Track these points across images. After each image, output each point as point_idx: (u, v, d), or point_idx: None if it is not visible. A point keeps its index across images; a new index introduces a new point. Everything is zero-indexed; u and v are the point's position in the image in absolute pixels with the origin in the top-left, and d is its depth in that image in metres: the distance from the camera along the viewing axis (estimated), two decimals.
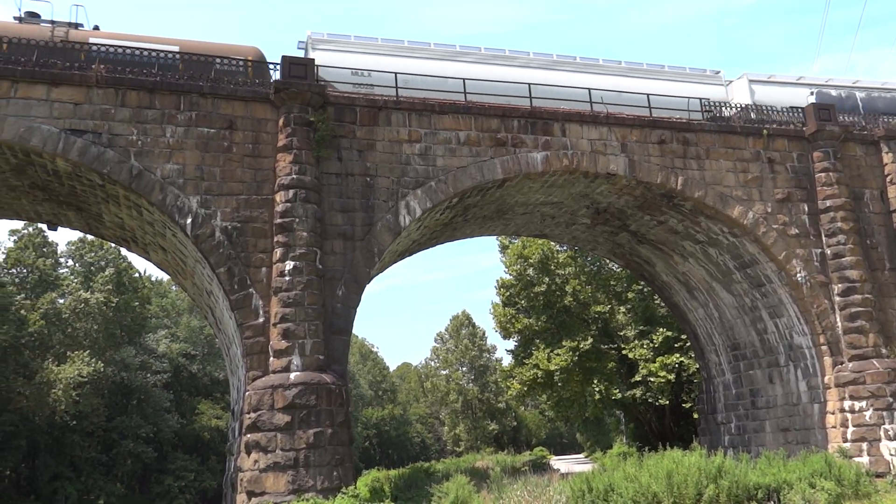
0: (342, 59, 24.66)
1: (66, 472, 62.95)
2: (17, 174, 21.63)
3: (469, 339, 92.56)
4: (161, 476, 67.39)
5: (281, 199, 21.13)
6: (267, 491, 17.84)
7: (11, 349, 59.89)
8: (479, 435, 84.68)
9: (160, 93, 21.46)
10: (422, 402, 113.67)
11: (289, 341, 19.64)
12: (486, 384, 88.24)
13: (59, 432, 63.56)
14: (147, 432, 67.26)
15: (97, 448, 66.79)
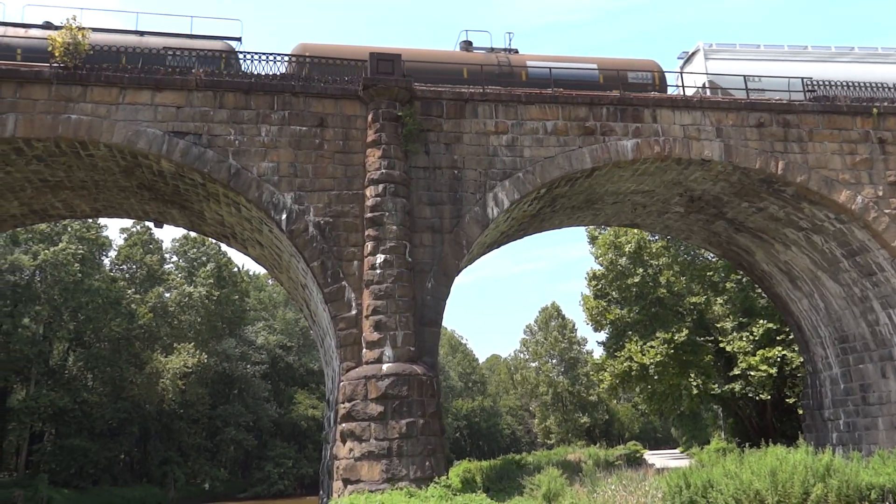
0: (731, 67, 26.94)
1: (175, 457, 66.59)
2: (126, 175, 22.94)
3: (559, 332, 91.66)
4: (261, 462, 70.24)
5: (371, 193, 21.51)
6: (362, 479, 18.25)
7: (124, 341, 63.81)
8: (569, 428, 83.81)
9: (255, 94, 22.24)
10: (511, 394, 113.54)
11: (381, 333, 20.00)
12: (577, 377, 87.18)
13: (168, 419, 67.28)
14: (248, 420, 70.23)
15: (202, 434, 70.31)
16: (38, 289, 57.74)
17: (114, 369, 62.31)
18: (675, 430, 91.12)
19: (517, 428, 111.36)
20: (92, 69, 21.16)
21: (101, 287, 62.16)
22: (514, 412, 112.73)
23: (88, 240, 62.98)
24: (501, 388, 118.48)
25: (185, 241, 76.91)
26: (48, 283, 58.04)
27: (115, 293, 63.10)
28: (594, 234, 47.73)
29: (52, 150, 21.21)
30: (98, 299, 60.74)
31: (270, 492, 66.11)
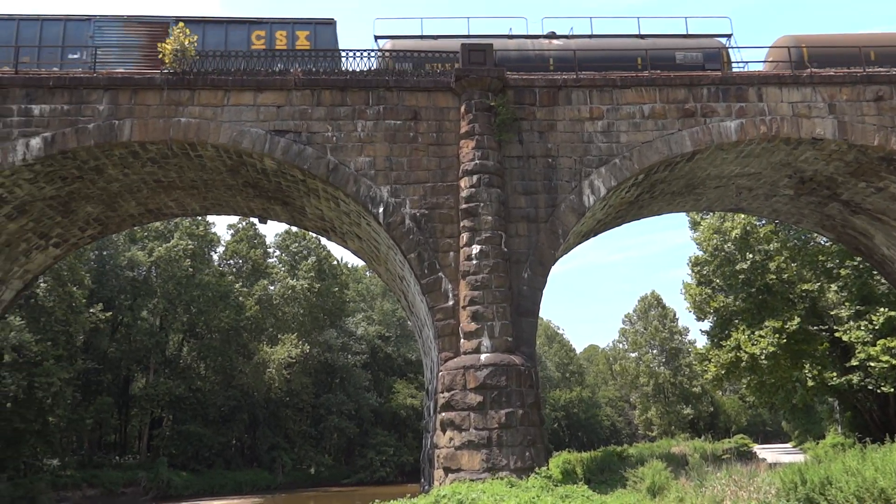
0: None
1: (282, 443, 69.39)
2: (232, 174, 23.97)
3: (659, 321, 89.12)
4: (363, 450, 72.11)
5: (465, 184, 21.56)
6: (463, 468, 18.40)
7: (233, 332, 66.92)
8: (672, 420, 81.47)
9: (351, 90, 22.70)
10: (611, 384, 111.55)
11: (478, 323, 20.05)
12: (679, 367, 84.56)
13: (275, 407, 70.14)
14: (350, 409, 72.22)
15: (307, 422, 72.90)
16: (154, 283, 61.42)
17: (224, 359, 65.58)
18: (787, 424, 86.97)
19: (617, 419, 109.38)
20: (199, 74, 22.19)
21: (210, 281, 65.44)
22: (613, 403, 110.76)
23: (198, 236, 66.39)
24: (600, 378, 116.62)
25: (288, 236, 79.80)
26: (163, 277, 61.60)
27: (224, 287, 66.30)
28: (696, 219, 46.03)
29: (164, 153, 22.43)
30: (208, 293, 63.98)
31: (373, 478, 67.82)
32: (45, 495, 46.93)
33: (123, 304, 60.20)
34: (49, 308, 49.07)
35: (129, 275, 60.73)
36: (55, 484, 48.88)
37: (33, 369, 46.78)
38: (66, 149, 21.22)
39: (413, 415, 73.35)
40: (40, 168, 21.58)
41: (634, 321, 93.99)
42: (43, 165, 21.51)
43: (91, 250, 56.76)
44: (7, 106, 21.42)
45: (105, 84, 21.75)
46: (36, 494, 46.33)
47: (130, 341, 60.23)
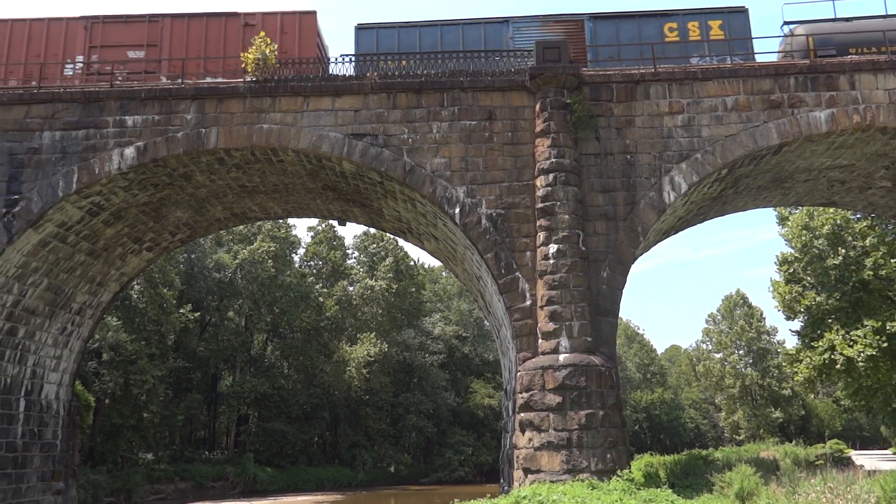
0: None
1: (362, 441, 70.59)
2: (312, 177, 24.57)
3: (745, 320, 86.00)
4: (442, 449, 72.55)
5: (541, 183, 21.39)
6: (542, 469, 18.26)
7: (314, 331, 68.56)
8: (760, 423, 78.47)
9: (426, 92, 22.89)
10: (694, 386, 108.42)
11: (556, 323, 19.86)
12: (767, 368, 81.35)
13: (355, 405, 71.43)
14: (428, 408, 72.79)
15: (386, 421, 73.91)
16: (239, 285, 63.61)
17: (305, 358, 67.27)
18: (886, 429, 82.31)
19: (701, 422, 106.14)
20: (279, 81, 22.85)
21: (292, 282, 67.28)
22: (697, 405, 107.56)
23: (280, 239, 68.38)
24: (683, 380, 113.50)
25: (366, 238, 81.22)
26: (247, 279, 63.73)
27: (305, 287, 68.05)
28: (785, 214, 44.16)
29: (248, 158, 23.20)
30: (290, 293, 65.79)
31: (451, 478, 68.14)
32: (141, 487, 49.31)
33: (211, 304, 62.65)
34: (142, 309, 51.56)
35: (216, 276, 63.14)
36: (150, 477, 51.30)
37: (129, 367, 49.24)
38: (158, 157, 22.24)
39: (491, 415, 73.30)
40: (134, 176, 22.69)
41: (719, 321, 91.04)
42: (136, 173, 22.60)
43: (180, 253, 59.28)
44: (104, 118, 22.62)
45: (192, 94, 22.68)
46: (133, 486, 48.73)
47: (218, 340, 62.58)
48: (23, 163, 22.27)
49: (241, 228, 64.43)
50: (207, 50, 24.47)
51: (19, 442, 24.04)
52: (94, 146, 22.35)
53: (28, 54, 24.38)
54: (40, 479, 24.95)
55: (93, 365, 48.18)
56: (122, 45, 24.58)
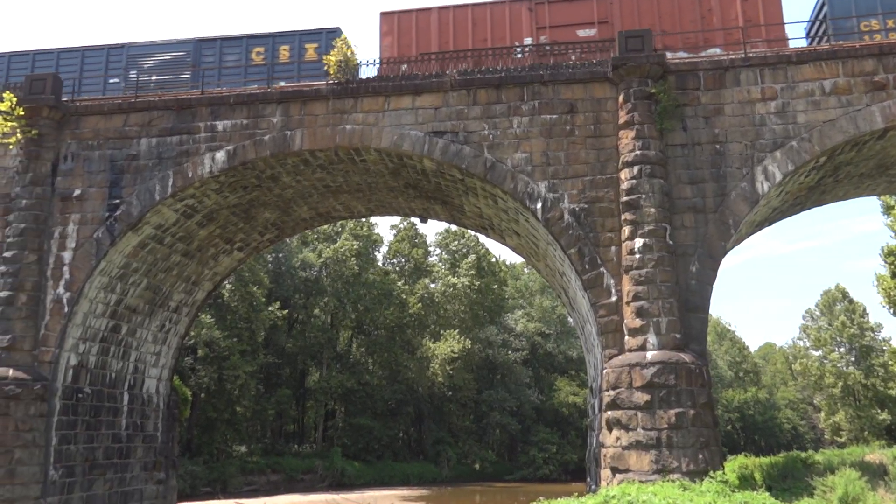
0: None
1: (447, 438, 71.06)
2: (394, 176, 24.84)
3: (846, 316, 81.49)
4: (526, 446, 72.19)
5: (626, 176, 20.87)
6: (631, 469, 17.83)
7: (397, 328, 69.49)
8: (864, 425, 74.18)
9: (505, 87, 22.71)
10: (790, 385, 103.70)
11: (643, 319, 19.34)
12: (872, 367, 76.79)
13: (439, 402, 71.98)
14: (511, 406, 72.57)
15: (470, 418, 74.13)
16: (324, 283, 65.19)
17: (390, 354, 68.29)
18: None
19: (799, 423, 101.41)
20: (361, 82, 23.19)
21: (375, 280, 68.38)
22: (794, 405, 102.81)
23: (363, 237, 69.60)
24: (778, 378, 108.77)
25: (447, 235, 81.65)
26: (332, 277, 65.22)
27: (388, 285, 69.06)
28: (890, 203, 41.64)
29: (332, 159, 23.67)
30: (373, 291, 66.91)
31: (536, 475, 67.70)
32: (235, 479, 51.30)
33: (298, 302, 64.44)
34: (234, 307, 53.54)
35: (302, 275, 64.90)
36: (243, 469, 53.27)
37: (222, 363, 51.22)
38: (246, 160, 22.99)
39: (576, 413, 72.38)
40: (224, 179, 23.53)
41: (817, 317, 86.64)
42: (227, 176, 23.43)
43: (269, 253, 61.27)
44: (195, 124, 23.56)
45: (278, 98, 23.31)
46: (228, 478, 50.74)
47: (305, 337, 64.34)
48: (122, 169, 23.48)
49: (325, 227, 65.98)
50: (662, 24, 23.75)
51: (124, 433, 25.38)
52: (188, 151, 23.31)
53: (474, 39, 24.63)
54: (143, 469, 26.27)
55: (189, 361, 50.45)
56: (571, 24, 24.33)
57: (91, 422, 23.71)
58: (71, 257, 22.94)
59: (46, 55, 27.11)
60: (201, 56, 25.97)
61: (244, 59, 25.67)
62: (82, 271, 22.79)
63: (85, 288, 22.84)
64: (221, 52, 25.89)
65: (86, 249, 22.92)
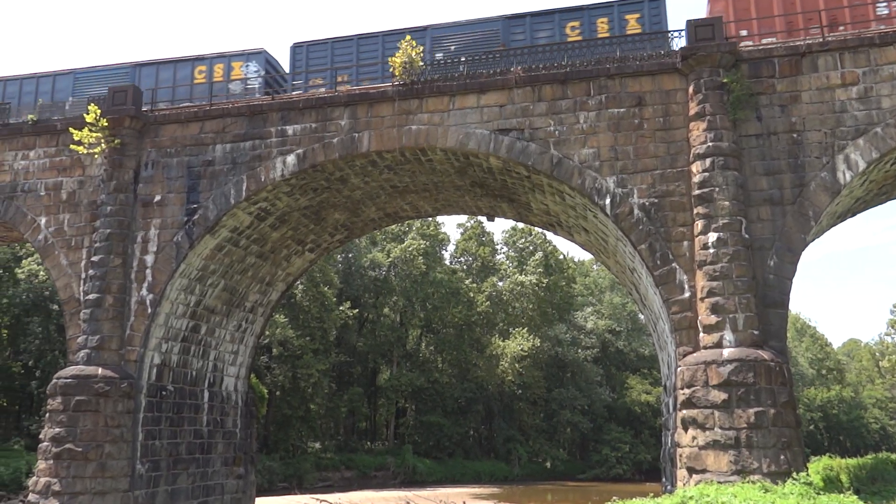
0: None
1: (517, 436, 70.83)
2: (460, 175, 24.91)
3: None
4: (598, 445, 71.25)
5: (697, 169, 20.33)
6: (708, 469, 17.37)
7: (466, 327, 69.65)
8: None
9: (571, 82, 22.46)
10: (878, 383, 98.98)
11: (718, 316, 18.81)
12: None
13: (509, 400, 71.81)
14: (582, 404, 71.75)
15: (540, 416, 73.69)
16: (393, 282, 65.93)
17: (459, 353, 68.54)
18: None
19: (888, 423, 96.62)
20: (426, 82, 23.34)
21: (443, 278, 68.73)
22: (882, 405, 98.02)
23: (430, 236, 70.04)
24: (864, 376, 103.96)
25: (514, 232, 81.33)
26: (400, 276, 65.90)
27: (455, 283, 69.31)
28: None
29: (398, 159, 23.92)
30: (441, 289, 67.28)
31: (609, 475, 66.74)
32: (310, 475, 52.47)
33: (368, 301, 65.39)
34: (306, 307, 54.74)
35: (372, 275, 65.82)
36: (318, 465, 54.44)
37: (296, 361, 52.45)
38: (316, 163, 23.48)
39: (649, 411, 71.00)
40: (295, 182, 24.10)
41: None
42: (297, 179, 23.99)
43: (338, 253, 62.40)
44: (267, 129, 24.21)
45: (345, 101, 23.71)
46: (303, 473, 51.93)
47: (375, 336, 65.24)
48: (199, 174, 24.34)
49: (392, 227, 66.74)
50: None
51: (205, 430, 26.33)
52: (260, 155, 23.98)
53: None
54: (224, 464, 27.19)
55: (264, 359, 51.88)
56: None
57: (174, 418, 24.68)
58: (153, 260, 23.94)
59: None
60: (510, 35, 24.75)
61: (557, 36, 24.25)
62: (164, 274, 23.76)
63: (166, 289, 23.79)
64: (532, 29, 24.57)
65: (166, 253, 23.87)
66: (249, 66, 26.12)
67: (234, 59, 26.49)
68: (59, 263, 24.57)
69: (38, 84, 27.35)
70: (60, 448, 21.63)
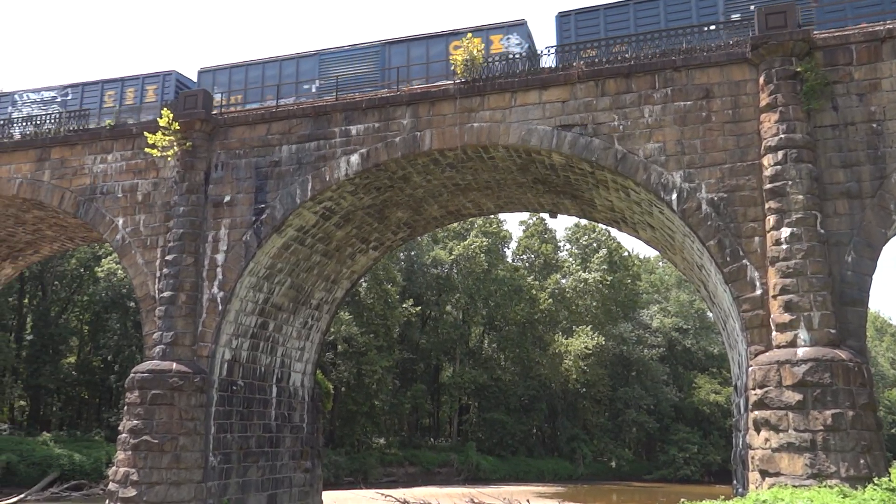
0: None
1: (581, 435, 70.07)
2: (522, 172, 24.77)
3: None
4: (664, 446, 69.82)
5: (769, 162, 19.66)
6: (782, 472, 16.80)
7: (528, 324, 69.30)
8: None
9: (635, 76, 22.03)
10: None
11: (792, 314, 18.15)
12: None
13: (572, 398, 71.12)
14: (648, 403, 70.43)
15: (605, 415, 72.70)
16: (455, 280, 66.11)
17: (521, 350, 68.25)
18: None
19: None
20: (487, 80, 23.28)
21: (505, 276, 68.53)
22: None
23: (492, 234, 69.89)
24: None
25: (577, 229, 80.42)
26: (462, 274, 66.03)
27: (518, 281, 69.00)
28: None
29: (460, 157, 23.96)
30: (504, 287, 67.11)
31: (676, 476, 65.34)
32: (375, 470, 53.18)
33: (430, 299, 65.78)
34: (370, 304, 55.43)
35: (434, 272, 66.17)
36: (382, 460, 55.12)
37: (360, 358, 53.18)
38: (379, 162, 23.73)
39: (717, 412, 69.15)
40: (359, 181, 24.43)
41: None
42: (361, 178, 24.30)
43: (401, 251, 62.97)
44: (331, 129, 24.60)
45: (407, 100, 23.88)
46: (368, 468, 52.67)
47: (438, 333, 65.58)
48: (266, 175, 24.93)
49: (454, 225, 66.92)
50: None
51: (273, 424, 26.99)
52: (324, 156, 24.39)
53: None
54: (291, 457, 27.82)
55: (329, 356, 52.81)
56: None
57: (244, 412, 25.38)
58: (223, 259, 24.65)
59: None
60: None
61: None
62: (233, 272, 24.44)
63: (236, 287, 24.47)
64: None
65: (236, 252, 24.55)
66: (511, 39, 25.23)
67: (492, 31, 25.40)
68: (135, 262, 25.57)
69: (280, 68, 27.25)
70: (138, 440, 22.51)
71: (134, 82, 28.48)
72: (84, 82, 29.34)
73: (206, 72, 27.92)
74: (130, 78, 28.73)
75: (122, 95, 28.31)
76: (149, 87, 28.18)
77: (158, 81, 28.16)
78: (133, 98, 28.15)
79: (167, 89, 27.77)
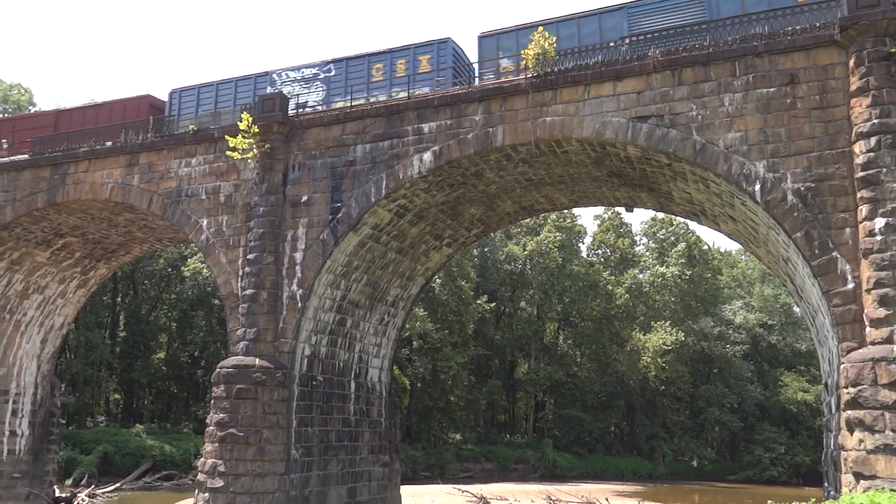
0: None
1: (660, 433, 68.51)
2: (596, 165, 24.38)
3: None
4: (749, 445, 67.47)
5: (861, 149, 18.67)
6: (878, 475, 15.95)
7: (604, 320, 68.22)
8: None
9: (714, 63, 21.31)
10: None
11: (888, 309, 17.19)
12: None
13: (651, 395, 69.59)
14: (731, 402, 68.18)
15: (685, 413, 70.84)
16: (529, 275, 65.73)
17: (597, 346, 67.27)
18: None
19: None
20: (559, 73, 23.00)
21: (580, 271, 67.64)
22: None
23: (565, 228, 69.10)
24: None
25: (654, 223, 78.58)
26: (536, 269, 65.57)
27: (593, 276, 68.01)
28: None
29: (533, 152, 23.77)
30: (578, 282, 66.25)
31: (762, 477, 63.04)
32: (451, 465, 53.52)
33: (504, 295, 65.60)
34: (444, 301, 55.73)
35: (508, 268, 65.97)
36: (459, 456, 55.40)
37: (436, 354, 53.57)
38: (452, 159, 23.80)
39: (806, 411, 66.32)
40: (432, 178, 24.58)
41: None
42: (434, 175, 24.45)
43: (474, 248, 63.04)
44: (404, 128, 24.84)
45: (479, 96, 23.85)
46: (444, 464, 53.05)
47: (512, 329, 65.36)
48: (342, 174, 25.40)
49: (527, 221, 66.48)
50: None
51: (352, 419, 27.53)
52: (398, 154, 24.65)
53: None
54: (370, 452, 28.30)
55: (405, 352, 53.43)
56: None
57: (324, 407, 25.98)
58: (302, 258, 25.28)
59: None
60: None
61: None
62: (312, 270, 25.03)
63: (314, 285, 25.05)
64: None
65: (314, 250, 25.13)
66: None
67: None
68: (219, 261, 26.52)
69: (578, 26, 24.45)
70: (224, 432, 23.36)
71: (404, 53, 26.67)
72: (348, 56, 27.94)
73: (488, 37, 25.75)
74: (399, 49, 26.92)
75: (391, 68, 26.58)
76: (422, 58, 26.20)
77: (433, 51, 26.20)
78: (405, 70, 26.39)
79: (443, 58, 25.80)
